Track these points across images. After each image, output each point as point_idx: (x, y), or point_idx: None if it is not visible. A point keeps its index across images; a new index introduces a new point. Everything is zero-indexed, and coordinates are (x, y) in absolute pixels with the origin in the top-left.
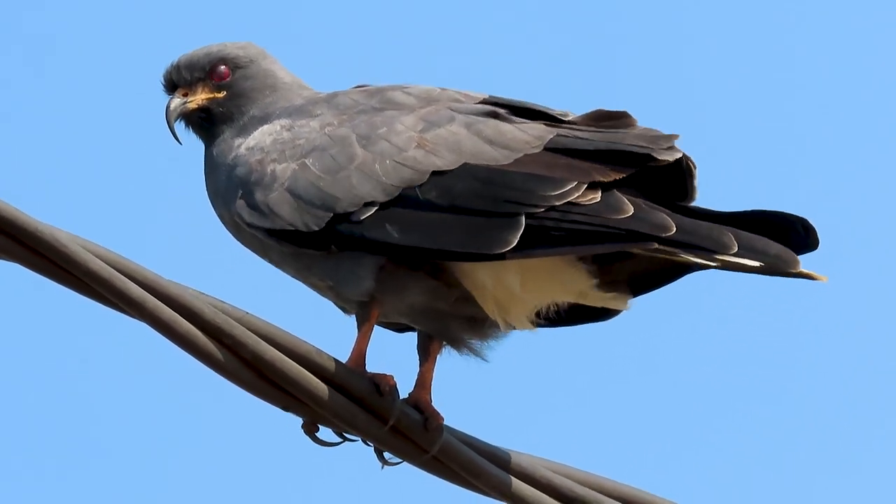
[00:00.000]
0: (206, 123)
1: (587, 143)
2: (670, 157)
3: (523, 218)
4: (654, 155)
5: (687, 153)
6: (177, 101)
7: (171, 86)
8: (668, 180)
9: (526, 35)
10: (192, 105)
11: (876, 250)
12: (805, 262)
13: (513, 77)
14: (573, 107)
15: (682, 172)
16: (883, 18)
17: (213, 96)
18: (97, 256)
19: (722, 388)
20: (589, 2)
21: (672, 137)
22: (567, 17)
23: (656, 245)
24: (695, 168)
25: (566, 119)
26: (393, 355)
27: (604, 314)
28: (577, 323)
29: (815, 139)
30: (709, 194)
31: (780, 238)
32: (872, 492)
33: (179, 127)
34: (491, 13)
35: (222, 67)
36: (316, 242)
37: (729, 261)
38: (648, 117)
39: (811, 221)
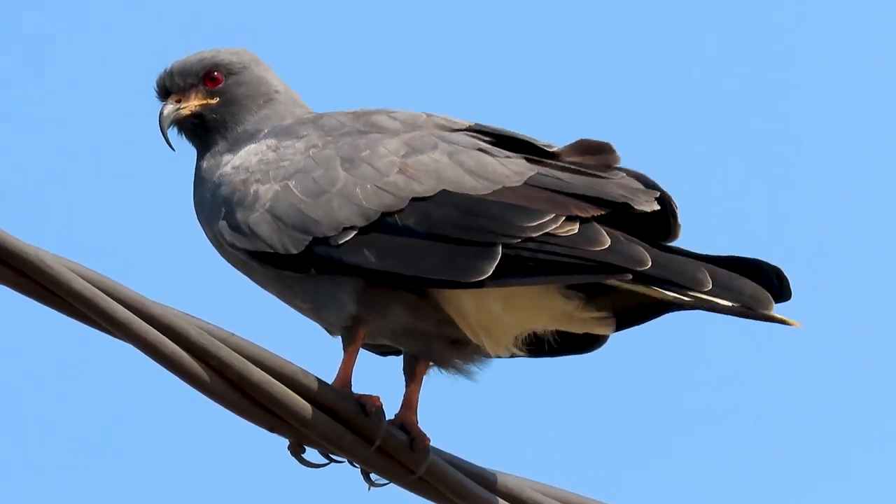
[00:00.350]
0: (199, 130)
1: (566, 186)
2: (647, 208)
3: (500, 248)
4: (633, 205)
5: (669, 194)
6: (170, 108)
7: (165, 92)
8: (650, 220)
9: (524, 40)
10: (186, 111)
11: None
12: (778, 310)
13: (510, 85)
14: (569, 114)
15: (665, 213)
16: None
17: (206, 102)
18: (82, 277)
19: (708, 415)
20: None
21: (652, 194)
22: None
23: (630, 277)
24: (677, 209)
25: (550, 150)
26: (378, 377)
27: (588, 345)
28: (561, 354)
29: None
30: (688, 235)
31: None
32: None
33: (172, 133)
34: (488, 20)
35: (216, 73)
36: (295, 265)
37: (702, 298)
38: (636, 128)
39: (785, 272)
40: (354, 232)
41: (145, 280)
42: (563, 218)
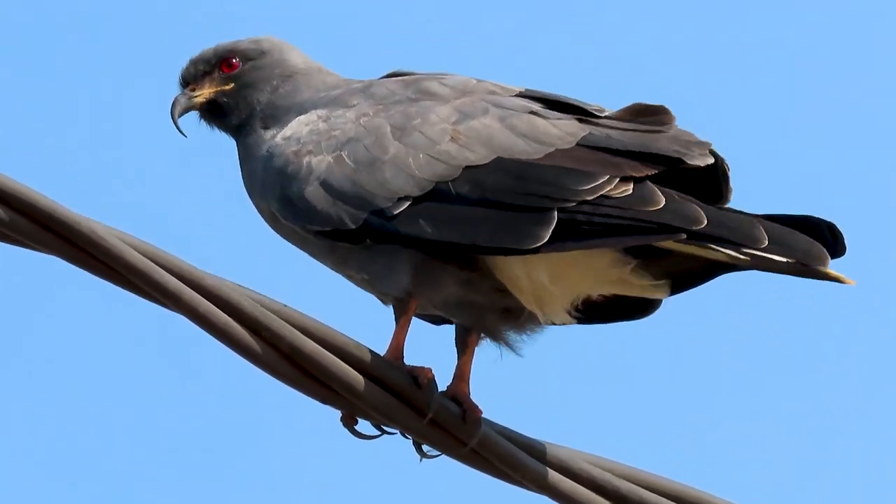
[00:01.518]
0: (218, 115)
1: (618, 144)
2: (701, 162)
3: (555, 213)
4: (686, 160)
5: (721, 155)
6: (181, 96)
7: (185, 83)
8: (702, 182)
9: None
10: (200, 99)
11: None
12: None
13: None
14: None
15: (716, 175)
16: None
17: (219, 89)
18: (134, 248)
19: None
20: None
21: (706, 145)
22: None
23: (685, 237)
24: (728, 170)
25: (601, 114)
26: (431, 348)
27: (641, 310)
28: (614, 320)
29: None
30: (739, 197)
31: None
32: None
33: (190, 121)
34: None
35: (232, 60)
36: (351, 236)
37: (758, 255)
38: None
39: (838, 226)
40: (409, 202)
41: (197, 253)
42: (618, 179)
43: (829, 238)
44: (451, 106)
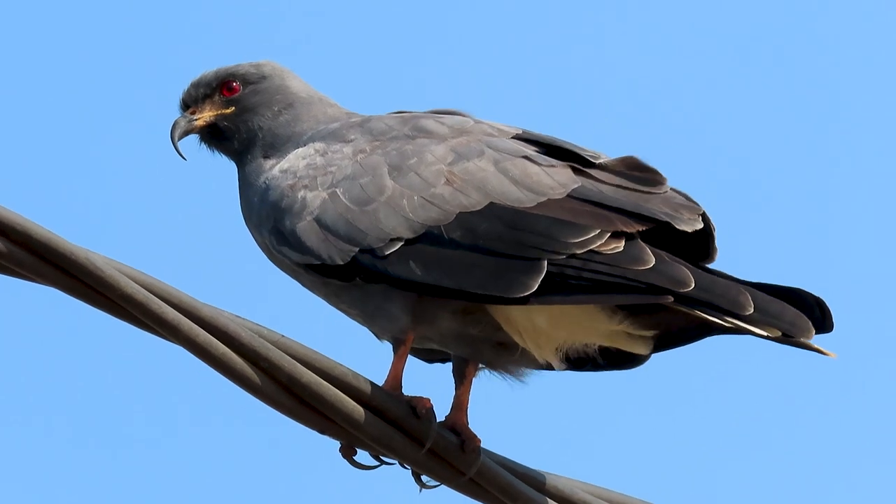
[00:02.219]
0: (217, 139)
1: (611, 200)
2: (689, 227)
3: (545, 263)
4: (675, 224)
5: (707, 214)
6: (181, 119)
7: (185, 106)
8: (690, 240)
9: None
10: (200, 122)
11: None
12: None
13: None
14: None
15: (704, 234)
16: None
17: (220, 112)
18: (132, 280)
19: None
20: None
21: (696, 210)
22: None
23: (671, 300)
24: (714, 230)
25: (597, 161)
26: (428, 381)
27: (629, 362)
28: (604, 369)
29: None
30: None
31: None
32: None
33: (190, 145)
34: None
35: (233, 83)
36: (341, 274)
37: (741, 326)
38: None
39: (827, 303)
40: (400, 244)
41: (195, 283)
42: (609, 234)
43: (817, 314)
44: (447, 146)
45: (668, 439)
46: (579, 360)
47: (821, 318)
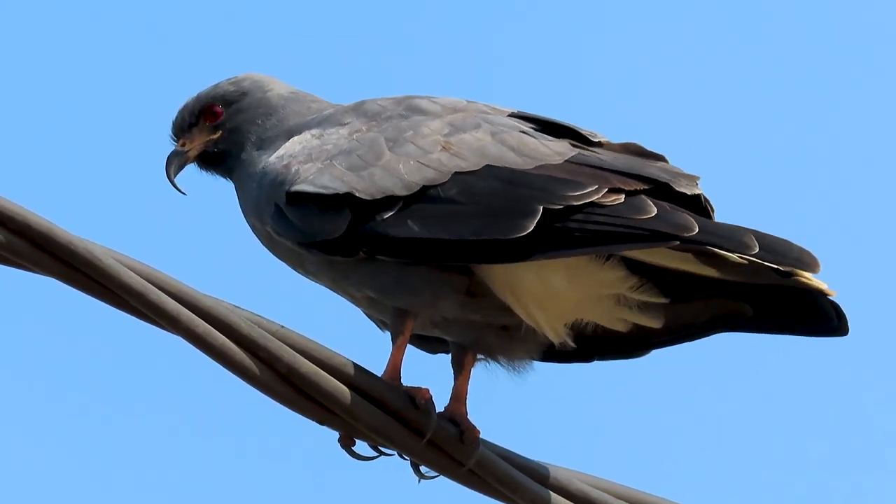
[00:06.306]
0: (213, 163)
1: (608, 164)
2: (688, 191)
3: (541, 208)
4: (673, 186)
5: (707, 196)
6: (173, 155)
7: (176, 136)
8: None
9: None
10: (192, 153)
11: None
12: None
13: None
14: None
15: (701, 205)
16: None
17: (209, 139)
18: (131, 269)
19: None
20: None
21: (693, 178)
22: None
23: (677, 243)
24: (713, 211)
25: (594, 140)
26: (427, 371)
27: (630, 351)
28: (604, 358)
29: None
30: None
31: (812, 319)
32: None
33: (189, 172)
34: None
35: (215, 108)
36: (344, 248)
37: (752, 260)
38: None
39: (843, 307)
40: (398, 206)
41: (194, 274)
42: (606, 189)
43: (833, 317)
44: (443, 120)
45: (667, 431)
46: (583, 344)
47: (836, 322)
